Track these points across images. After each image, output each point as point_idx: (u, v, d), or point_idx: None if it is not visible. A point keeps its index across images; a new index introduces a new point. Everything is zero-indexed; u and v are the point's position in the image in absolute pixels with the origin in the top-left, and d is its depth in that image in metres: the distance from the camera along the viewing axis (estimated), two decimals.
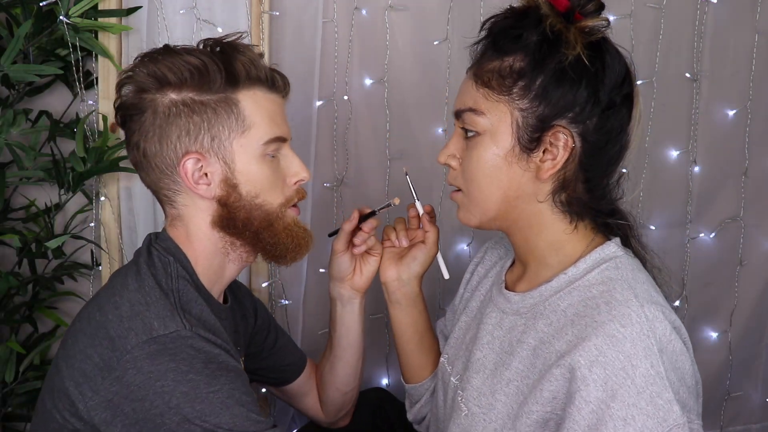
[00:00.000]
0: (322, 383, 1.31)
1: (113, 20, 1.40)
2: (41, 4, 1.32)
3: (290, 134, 1.05)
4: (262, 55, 1.05)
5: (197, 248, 1.02)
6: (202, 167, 0.98)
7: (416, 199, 1.16)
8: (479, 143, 0.94)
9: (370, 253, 1.18)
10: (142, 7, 1.41)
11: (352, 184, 1.62)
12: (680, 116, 1.73)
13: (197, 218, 1.02)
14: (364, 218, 1.15)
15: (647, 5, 1.65)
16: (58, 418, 0.94)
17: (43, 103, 1.48)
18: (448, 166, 1.00)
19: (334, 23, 1.54)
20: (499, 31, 0.94)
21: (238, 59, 0.99)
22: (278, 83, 1.03)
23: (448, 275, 1.17)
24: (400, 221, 1.19)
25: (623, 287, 0.88)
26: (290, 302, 1.61)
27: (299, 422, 1.64)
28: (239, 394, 0.91)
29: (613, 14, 1.61)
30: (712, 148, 1.75)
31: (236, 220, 1.01)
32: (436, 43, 1.58)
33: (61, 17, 1.32)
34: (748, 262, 1.83)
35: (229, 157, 0.99)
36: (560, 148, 0.91)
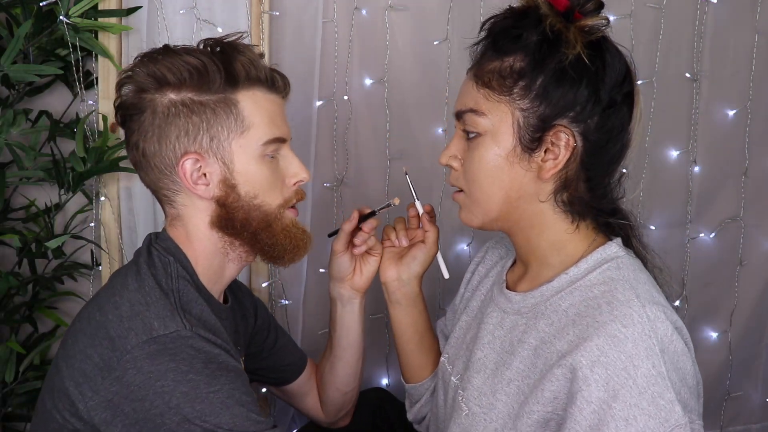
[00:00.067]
0: (322, 383, 1.31)
1: (113, 20, 1.40)
2: (41, 4, 1.32)
3: (290, 135, 1.05)
4: (262, 55, 1.05)
5: (197, 248, 1.02)
6: (200, 167, 0.98)
7: (416, 198, 1.16)
8: (480, 144, 0.94)
9: (370, 253, 1.18)
10: (142, 7, 1.41)
11: (352, 184, 1.62)
12: (680, 116, 1.73)
13: (196, 218, 1.02)
14: (363, 218, 1.15)
15: (647, 5, 1.65)
16: (58, 418, 0.94)
17: (43, 103, 1.48)
18: (449, 167, 1.00)
19: (334, 23, 1.54)
20: (499, 31, 0.94)
21: (237, 59, 0.99)
22: (278, 83, 1.03)
23: (448, 275, 1.17)
24: (399, 221, 1.19)
25: (625, 287, 0.88)
26: (290, 302, 1.61)
27: (299, 422, 1.64)
28: (239, 394, 0.91)
29: (613, 14, 1.61)
30: (712, 148, 1.75)
31: (235, 220, 1.00)
32: (436, 43, 1.58)
33: (61, 17, 1.32)
34: (748, 262, 1.83)
35: (227, 157, 0.99)
36: (562, 147, 0.91)
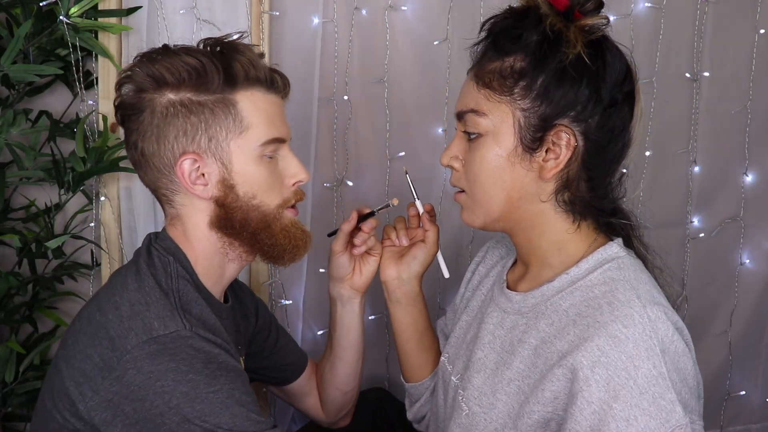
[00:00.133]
0: (322, 383, 1.31)
1: (113, 20, 1.40)
2: (41, 4, 1.32)
3: (290, 135, 1.05)
4: (262, 55, 1.05)
5: (196, 248, 1.02)
6: (199, 168, 0.98)
7: (416, 198, 1.16)
8: (482, 144, 0.94)
9: (369, 253, 1.18)
10: (142, 7, 1.41)
11: (352, 184, 1.62)
12: (680, 116, 1.73)
13: (195, 218, 1.02)
14: (362, 219, 1.15)
15: (647, 5, 1.65)
16: (58, 418, 0.94)
17: (43, 103, 1.48)
18: (450, 167, 1.00)
19: (334, 23, 1.54)
20: (499, 31, 0.94)
21: (237, 60, 0.98)
22: (278, 84, 1.03)
23: (448, 274, 1.17)
24: (400, 220, 1.19)
25: (625, 288, 0.88)
26: (290, 302, 1.61)
27: (299, 422, 1.63)
28: (239, 394, 0.91)
29: (613, 14, 1.61)
30: (712, 148, 1.75)
31: (233, 220, 1.00)
32: (436, 43, 1.58)
33: (61, 17, 1.32)
34: (748, 262, 1.83)
35: (226, 157, 0.99)
36: (563, 147, 0.91)
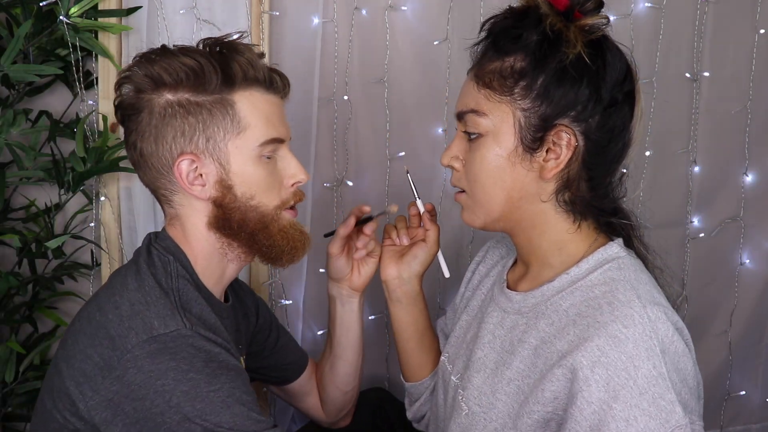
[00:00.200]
0: (322, 383, 1.31)
1: (113, 20, 1.40)
2: (41, 4, 1.32)
3: (289, 135, 1.05)
4: (263, 55, 1.05)
5: (195, 248, 1.02)
6: (196, 168, 0.98)
7: (417, 197, 1.16)
8: (482, 144, 0.94)
9: (368, 254, 1.18)
10: (142, 7, 1.41)
11: (352, 184, 1.62)
12: (680, 116, 1.73)
13: (194, 218, 1.02)
14: (359, 223, 1.16)
15: (647, 5, 1.65)
16: (58, 417, 0.94)
17: (43, 103, 1.48)
18: (450, 167, 1.00)
19: (334, 23, 1.54)
20: (499, 31, 0.94)
21: (235, 60, 0.98)
22: (277, 84, 1.03)
23: (448, 274, 1.17)
24: (401, 219, 1.19)
25: (626, 288, 0.88)
26: (290, 302, 1.61)
27: (299, 422, 1.63)
28: (240, 393, 0.91)
29: (613, 14, 1.61)
30: (712, 148, 1.75)
31: (231, 221, 1.00)
32: (436, 43, 1.58)
33: (61, 17, 1.32)
34: (748, 262, 1.83)
35: (224, 158, 0.99)
36: (563, 147, 0.91)
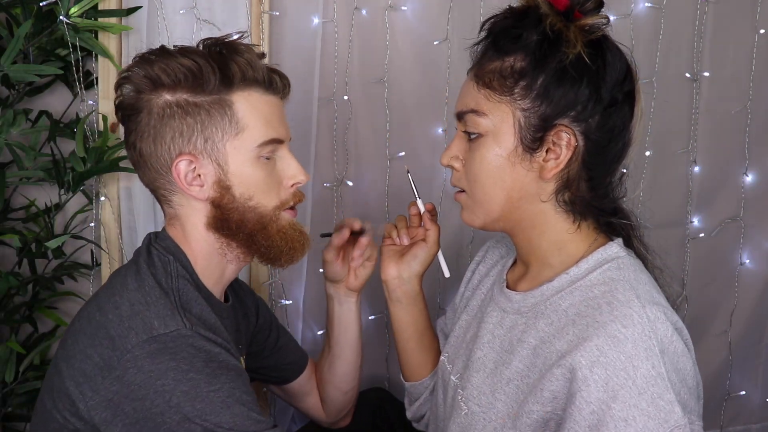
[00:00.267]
0: (322, 383, 1.31)
1: (113, 20, 1.40)
2: (41, 4, 1.32)
3: (289, 136, 1.05)
4: (263, 55, 1.05)
5: (195, 248, 1.02)
6: (195, 168, 0.98)
7: (417, 197, 1.16)
8: (482, 144, 0.94)
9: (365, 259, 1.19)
10: (142, 7, 1.41)
11: (352, 184, 1.62)
12: (680, 116, 1.73)
13: (193, 218, 1.02)
14: (354, 233, 1.16)
15: (647, 5, 1.65)
16: (58, 418, 0.94)
17: (43, 103, 1.48)
18: (450, 167, 1.00)
19: (334, 23, 1.54)
20: (499, 31, 0.94)
21: (234, 60, 0.98)
22: (276, 84, 1.03)
23: (448, 273, 1.17)
24: (401, 219, 1.19)
25: (625, 288, 0.88)
26: (290, 302, 1.61)
27: (299, 422, 1.63)
28: (240, 393, 0.91)
29: (613, 14, 1.61)
30: (712, 148, 1.75)
31: (230, 221, 1.00)
32: (436, 43, 1.58)
33: (61, 17, 1.32)
34: (748, 262, 1.83)
35: (222, 158, 0.98)
36: (563, 147, 0.91)
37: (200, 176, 0.99)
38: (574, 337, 0.87)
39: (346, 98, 1.58)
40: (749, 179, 1.78)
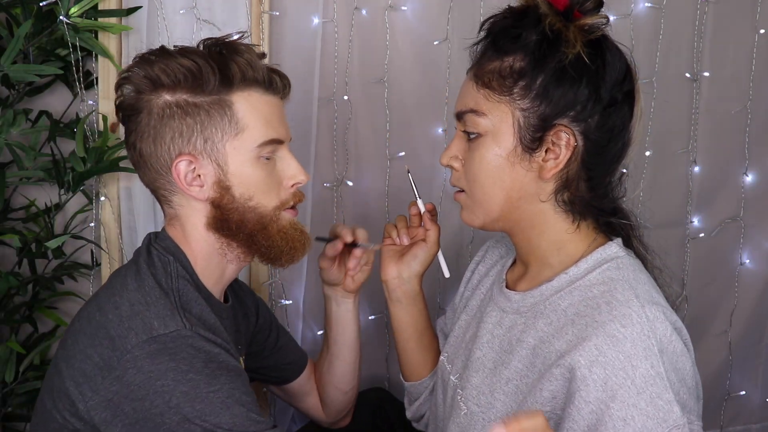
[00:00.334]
0: (321, 383, 1.31)
1: (113, 20, 1.40)
2: (41, 4, 1.32)
3: (289, 136, 1.05)
4: (264, 55, 1.05)
5: (195, 248, 1.02)
6: (194, 169, 0.98)
7: (418, 197, 1.16)
8: (481, 144, 0.94)
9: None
10: (142, 7, 1.41)
11: (352, 184, 1.62)
12: (680, 116, 1.73)
13: (193, 218, 1.02)
14: (348, 245, 1.17)
15: (647, 5, 1.65)
16: (58, 418, 0.94)
17: (43, 103, 1.48)
18: (450, 167, 1.00)
19: (334, 23, 1.54)
20: (498, 31, 0.94)
21: (234, 60, 0.98)
22: (276, 84, 1.03)
23: (448, 273, 1.17)
24: (401, 219, 1.19)
25: (624, 287, 0.88)
26: (290, 302, 1.61)
27: (299, 422, 1.63)
28: (239, 393, 0.91)
29: (613, 14, 1.61)
30: (712, 148, 1.75)
31: (230, 222, 1.00)
32: (436, 43, 1.58)
33: (61, 17, 1.32)
34: (748, 262, 1.83)
35: (222, 159, 0.98)
36: (562, 147, 0.91)
37: (200, 176, 0.99)
38: (573, 336, 0.87)
39: (346, 98, 1.58)
40: (749, 179, 1.78)
